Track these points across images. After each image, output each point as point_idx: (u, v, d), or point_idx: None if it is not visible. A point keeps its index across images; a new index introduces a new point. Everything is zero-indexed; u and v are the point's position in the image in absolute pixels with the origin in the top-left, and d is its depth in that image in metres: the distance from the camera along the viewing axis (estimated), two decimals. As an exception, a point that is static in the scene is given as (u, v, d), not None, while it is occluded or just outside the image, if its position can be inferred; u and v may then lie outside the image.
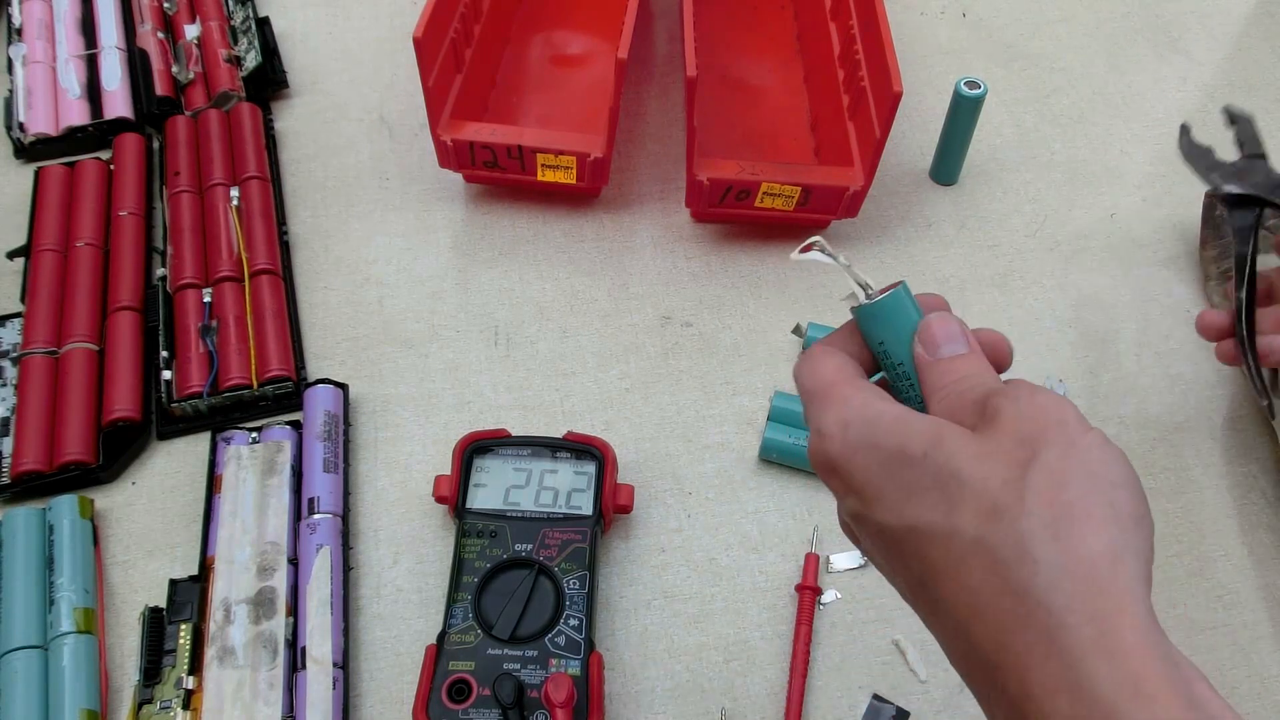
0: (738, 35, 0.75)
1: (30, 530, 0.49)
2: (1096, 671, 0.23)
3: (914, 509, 0.27)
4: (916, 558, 0.27)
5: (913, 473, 0.28)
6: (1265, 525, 0.53)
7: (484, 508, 0.49)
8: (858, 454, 0.29)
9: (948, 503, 0.27)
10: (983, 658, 0.25)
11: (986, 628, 0.25)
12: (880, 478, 0.28)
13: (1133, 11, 0.78)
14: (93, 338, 0.56)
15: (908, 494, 0.28)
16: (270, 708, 0.44)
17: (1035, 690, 0.24)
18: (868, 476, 0.29)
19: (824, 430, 0.30)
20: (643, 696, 0.47)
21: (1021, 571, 0.24)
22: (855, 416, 0.30)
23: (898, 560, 0.29)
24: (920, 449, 0.28)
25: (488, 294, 0.61)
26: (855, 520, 0.31)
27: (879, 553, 0.30)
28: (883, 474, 0.28)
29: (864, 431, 0.29)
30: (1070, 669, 0.23)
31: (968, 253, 0.64)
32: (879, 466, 0.29)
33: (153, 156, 0.66)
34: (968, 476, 0.26)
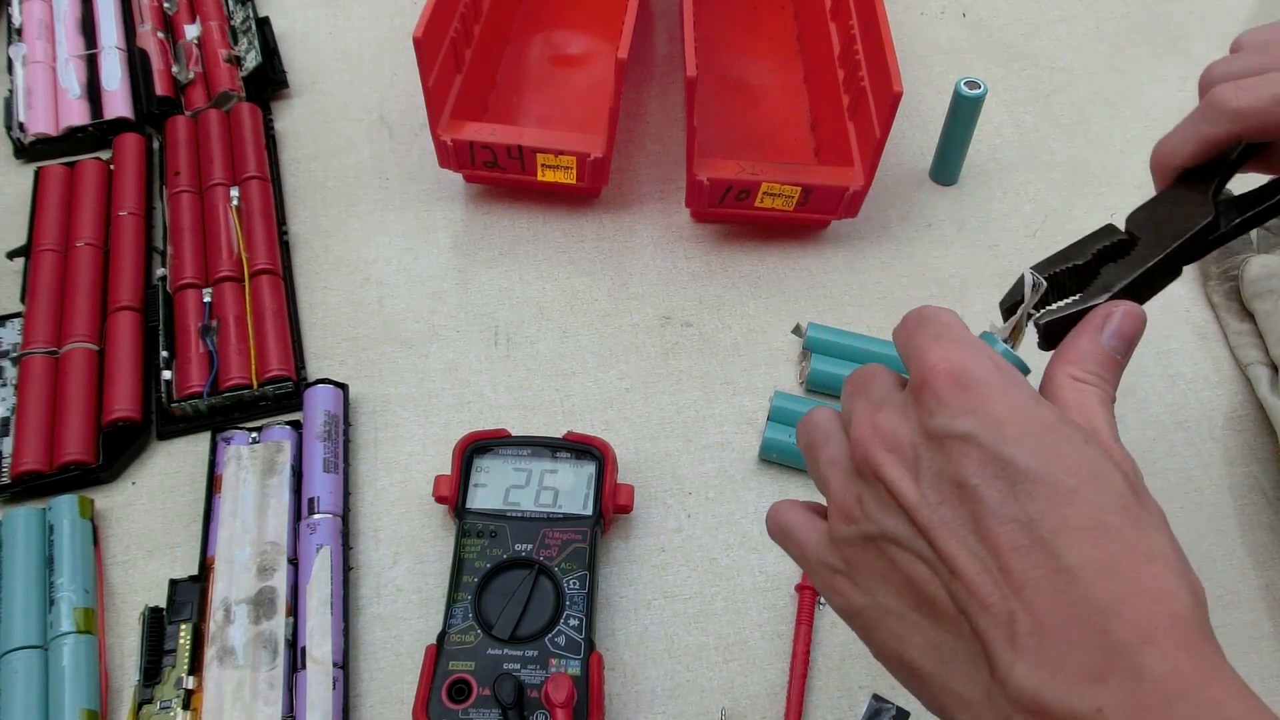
0: (738, 35, 0.75)
1: (30, 530, 0.49)
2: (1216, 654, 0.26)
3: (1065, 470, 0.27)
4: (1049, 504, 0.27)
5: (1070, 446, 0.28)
6: (1265, 525, 0.53)
7: (484, 508, 0.49)
8: (1008, 393, 0.29)
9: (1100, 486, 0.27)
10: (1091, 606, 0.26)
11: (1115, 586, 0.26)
12: (1031, 425, 0.28)
13: (1133, 11, 0.78)
14: (93, 338, 0.56)
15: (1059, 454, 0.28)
16: (270, 708, 0.44)
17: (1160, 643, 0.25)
18: (1014, 416, 0.28)
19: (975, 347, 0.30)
20: (643, 696, 0.47)
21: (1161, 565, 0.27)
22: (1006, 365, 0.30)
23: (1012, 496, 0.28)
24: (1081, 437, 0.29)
25: (488, 294, 0.61)
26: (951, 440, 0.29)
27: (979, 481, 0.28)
28: (1036, 427, 0.28)
29: (1018, 381, 0.30)
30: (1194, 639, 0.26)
31: (968, 253, 0.64)
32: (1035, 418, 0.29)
33: (153, 156, 0.66)
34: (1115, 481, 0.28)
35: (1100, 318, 0.33)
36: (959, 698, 0.28)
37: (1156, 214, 0.38)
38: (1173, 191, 0.39)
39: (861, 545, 0.31)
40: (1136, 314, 0.33)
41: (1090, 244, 0.37)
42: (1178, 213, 0.38)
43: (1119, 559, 0.26)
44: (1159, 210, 0.38)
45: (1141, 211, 0.39)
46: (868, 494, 0.31)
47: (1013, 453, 0.28)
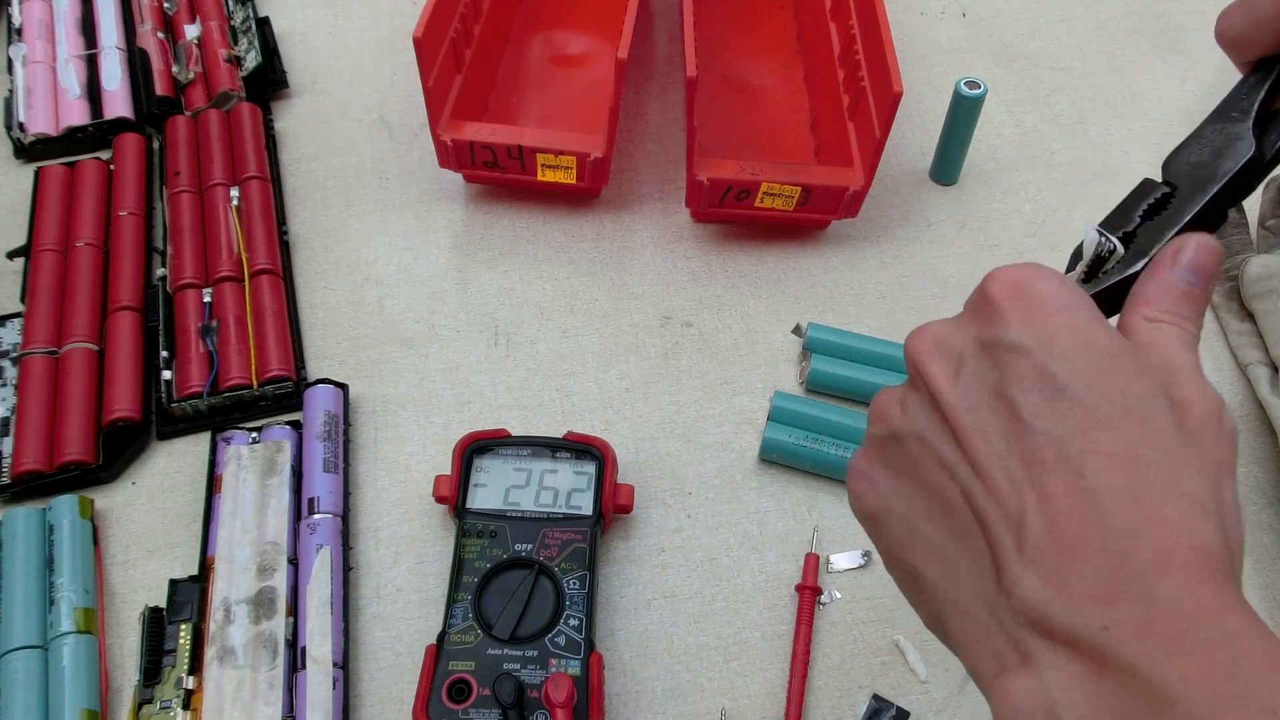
0: (738, 35, 0.75)
1: (30, 530, 0.49)
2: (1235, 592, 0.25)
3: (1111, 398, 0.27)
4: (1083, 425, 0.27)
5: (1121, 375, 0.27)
6: (1265, 525, 0.53)
7: (484, 508, 0.49)
8: (1073, 313, 0.28)
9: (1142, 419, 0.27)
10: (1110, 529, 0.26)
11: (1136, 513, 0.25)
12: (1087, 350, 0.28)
13: (1133, 11, 0.78)
14: (93, 338, 0.56)
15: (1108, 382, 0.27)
16: (270, 708, 0.44)
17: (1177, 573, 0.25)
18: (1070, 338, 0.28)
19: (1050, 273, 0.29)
20: (643, 696, 0.47)
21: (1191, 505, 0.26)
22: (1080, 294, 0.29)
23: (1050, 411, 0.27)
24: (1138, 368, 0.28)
25: (488, 294, 0.61)
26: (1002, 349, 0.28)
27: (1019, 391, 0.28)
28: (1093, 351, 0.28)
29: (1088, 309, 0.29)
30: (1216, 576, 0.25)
31: (968, 253, 0.64)
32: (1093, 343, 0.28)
33: (153, 156, 0.66)
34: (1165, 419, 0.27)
35: (1170, 254, 0.31)
36: (960, 608, 0.28)
37: (1192, 155, 0.34)
38: (1210, 125, 0.35)
39: (889, 443, 0.31)
40: (1209, 244, 0.31)
41: (1133, 206, 0.35)
42: (1216, 150, 0.34)
43: (1144, 489, 0.26)
44: (1195, 149, 0.35)
45: (1177, 153, 0.35)
46: (910, 396, 0.31)
47: (1057, 369, 0.27)
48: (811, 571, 0.50)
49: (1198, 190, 0.33)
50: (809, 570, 0.50)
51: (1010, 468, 0.27)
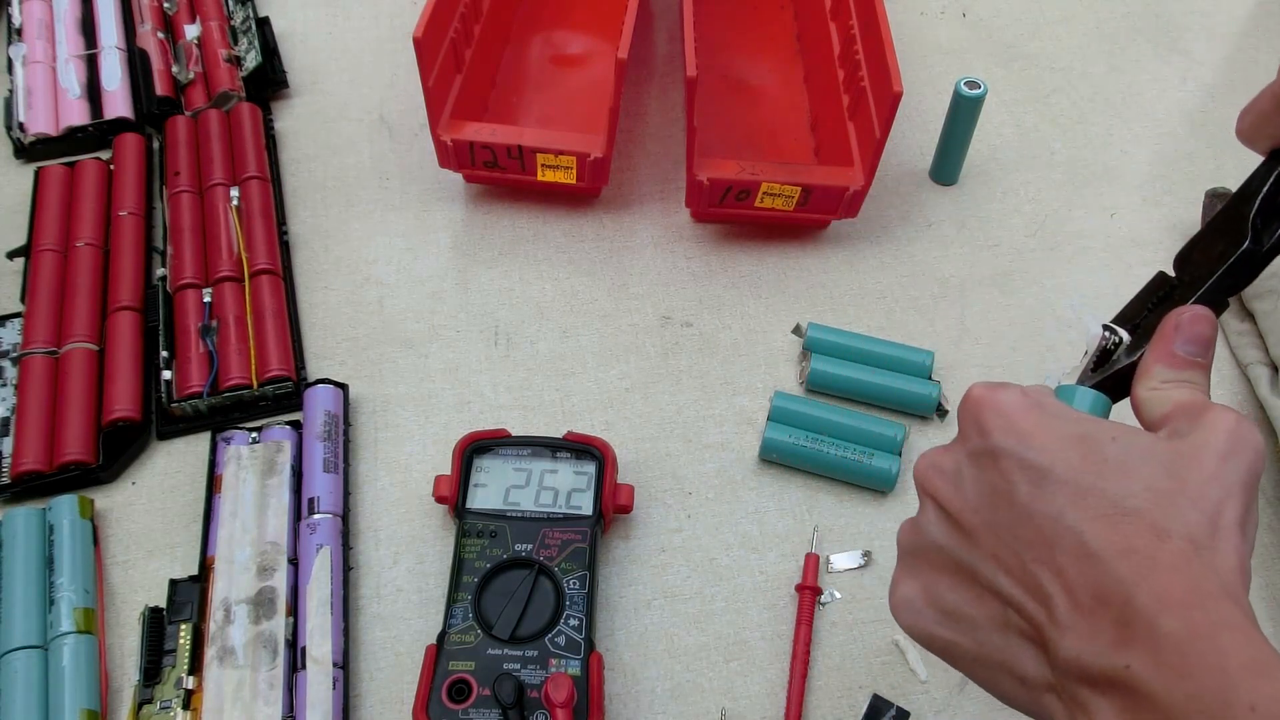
0: (738, 35, 0.75)
1: (30, 530, 0.49)
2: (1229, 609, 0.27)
3: (1086, 469, 0.30)
4: (1070, 500, 0.30)
5: (1092, 448, 0.31)
6: (1265, 525, 0.53)
7: (484, 508, 0.49)
8: (1034, 412, 0.32)
9: (1122, 475, 0.30)
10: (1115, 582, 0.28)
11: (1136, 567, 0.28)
12: (1056, 437, 0.31)
13: (1133, 11, 0.79)
14: (93, 338, 0.56)
15: (1082, 457, 0.30)
16: (270, 708, 0.44)
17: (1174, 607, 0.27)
18: (1040, 431, 0.31)
19: (1007, 385, 0.33)
20: (643, 696, 0.47)
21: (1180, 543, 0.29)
22: (1038, 393, 0.33)
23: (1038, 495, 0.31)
24: (1108, 436, 0.31)
25: (488, 294, 0.61)
26: (984, 458, 0.32)
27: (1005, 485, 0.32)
28: (1061, 438, 0.31)
29: (1047, 405, 0.33)
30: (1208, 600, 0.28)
31: (968, 253, 0.64)
32: (1061, 431, 0.31)
33: (153, 156, 0.66)
34: (1146, 464, 0.30)
35: (1170, 328, 0.34)
36: (1026, 684, 0.31)
37: (1197, 248, 0.37)
38: (1218, 218, 0.37)
39: (918, 562, 0.35)
40: (1202, 315, 0.34)
41: (1145, 297, 0.37)
42: (1216, 243, 0.36)
43: (1134, 540, 0.29)
44: (1200, 243, 0.37)
45: (1186, 247, 0.37)
46: (924, 515, 0.35)
47: (1036, 459, 0.31)
48: (811, 571, 0.50)
49: (1198, 281, 0.36)
50: (809, 570, 0.50)
51: (1023, 552, 0.31)
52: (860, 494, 0.53)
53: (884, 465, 0.52)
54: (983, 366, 0.58)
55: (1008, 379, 0.58)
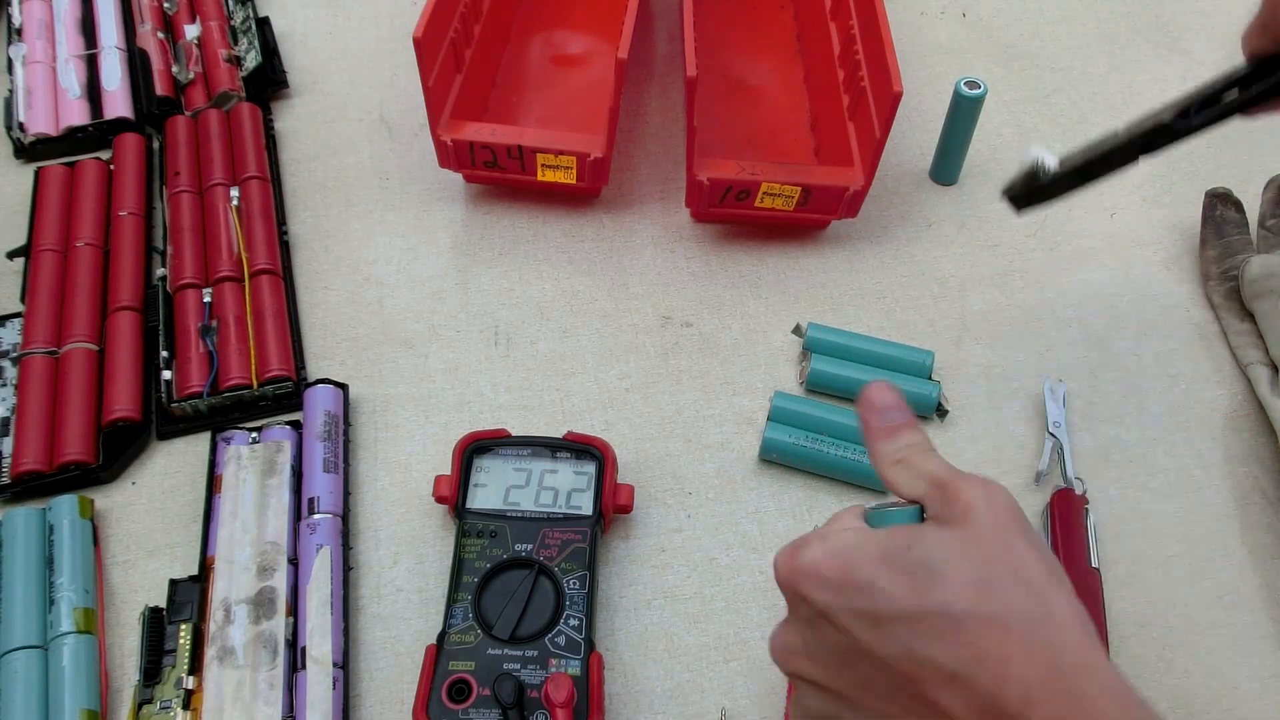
0: (738, 35, 0.75)
1: (30, 530, 0.49)
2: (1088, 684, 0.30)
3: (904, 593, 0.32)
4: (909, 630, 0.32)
5: (899, 565, 0.33)
6: (1265, 525, 0.53)
7: (484, 508, 0.49)
8: (837, 556, 0.34)
9: (939, 584, 0.32)
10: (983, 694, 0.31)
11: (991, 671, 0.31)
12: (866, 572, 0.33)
13: (1133, 11, 0.79)
14: (93, 338, 0.56)
15: (897, 582, 0.32)
16: (270, 708, 0.44)
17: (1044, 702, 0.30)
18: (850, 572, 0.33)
19: (805, 540, 0.36)
20: (643, 696, 0.47)
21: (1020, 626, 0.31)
22: (835, 532, 0.35)
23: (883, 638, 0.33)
24: (904, 543, 0.33)
25: (488, 294, 0.61)
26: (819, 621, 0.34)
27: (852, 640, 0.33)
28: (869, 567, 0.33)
29: (845, 541, 0.35)
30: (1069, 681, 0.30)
31: (968, 253, 0.64)
32: (865, 563, 0.33)
33: (153, 156, 0.66)
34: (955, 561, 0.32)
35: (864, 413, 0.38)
36: None
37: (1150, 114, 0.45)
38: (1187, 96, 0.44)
39: None
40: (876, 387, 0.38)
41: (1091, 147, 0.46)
42: (1160, 114, 0.44)
43: (980, 645, 0.31)
44: (1157, 111, 0.45)
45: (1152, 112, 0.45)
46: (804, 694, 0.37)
47: (861, 604, 0.33)
48: (811, 571, 0.50)
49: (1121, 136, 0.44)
50: (809, 570, 0.50)
51: (897, 699, 0.33)
52: (860, 494, 0.53)
53: (884, 465, 0.52)
54: (983, 366, 0.58)
55: (1008, 379, 0.58)
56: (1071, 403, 0.57)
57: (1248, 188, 0.64)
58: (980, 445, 0.55)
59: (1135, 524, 0.53)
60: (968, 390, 0.57)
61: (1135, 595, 0.50)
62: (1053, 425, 0.55)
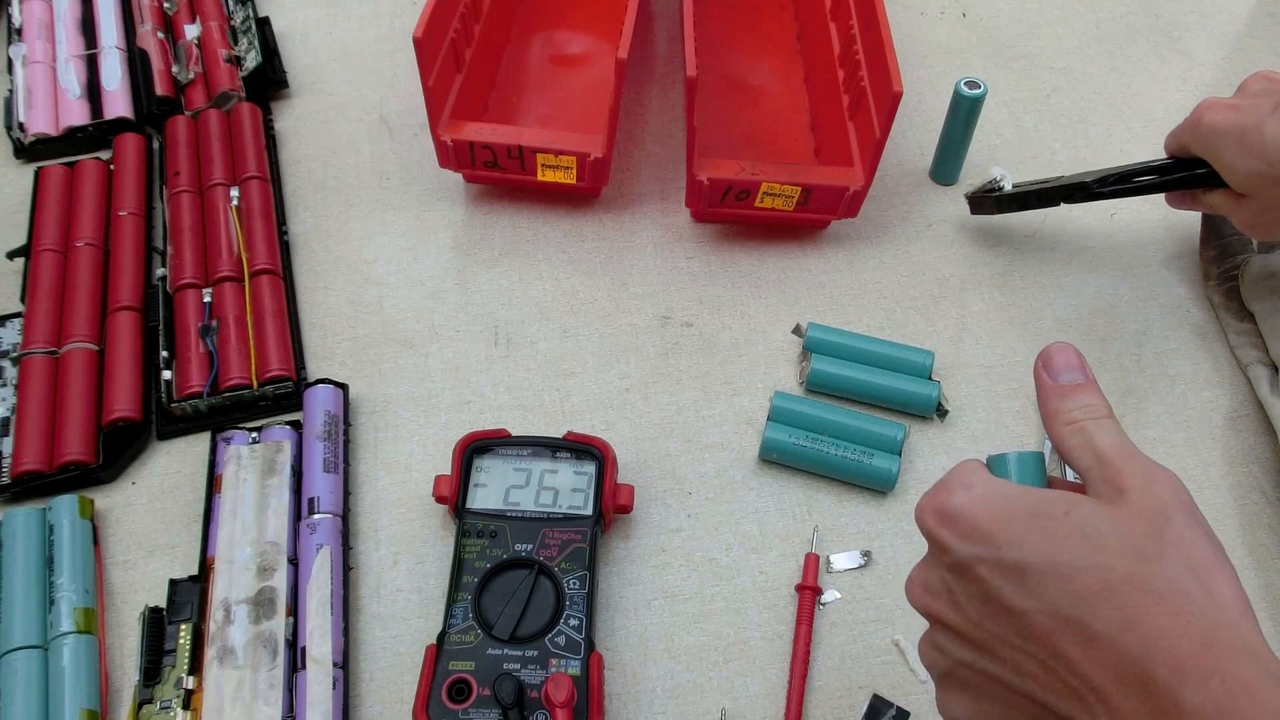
0: (738, 35, 0.75)
1: (30, 530, 0.49)
2: (1248, 669, 0.28)
3: (1059, 549, 0.31)
4: (1056, 586, 0.31)
5: (1054, 525, 0.32)
6: (1265, 525, 0.53)
7: (484, 508, 0.49)
8: (986, 506, 0.33)
9: (1094, 547, 0.31)
10: (1129, 660, 0.30)
11: (1142, 638, 0.30)
12: (1016, 525, 0.32)
13: (1133, 11, 0.79)
14: (93, 338, 0.56)
15: (1049, 539, 0.32)
16: (270, 708, 0.44)
17: (1195, 679, 0.28)
18: (998, 522, 0.33)
19: (947, 485, 0.35)
20: (643, 696, 0.47)
21: (1176, 598, 0.30)
22: (979, 480, 0.34)
23: (1027, 592, 0.32)
24: (1060, 509, 0.32)
25: (488, 294, 0.61)
26: (963, 569, 0.33)
27: (995, 590, 0.33)
28: (1020, 522, 0.32)
29: (992, 489, 0.34)
30: (1226, 662, 0.29)
31: (968, 253, 0.64)
32: (1016, 515, 0.32)
33: (153, 156, 0.66)
34: (1111, 531, 0.31)
35: (1040, 371, 0.37)
36: None
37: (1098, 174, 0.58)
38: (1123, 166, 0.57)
39: (949, 675, 0.36)
40: (1057, 345, 0.37)
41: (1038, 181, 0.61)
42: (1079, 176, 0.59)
43: (1131, 610, 0.30)
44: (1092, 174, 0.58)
45: None
46: (939, 633, 0.36)
47: (1011, 556, 0.32)
48: (811, 571, 0.50)
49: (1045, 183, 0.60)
50: (809, 570, 0.50)
51: (1036, 653, 0.32)
52: (860, 494, 0.53)
53: (884, 465, 0.52)
54: (983, 366, 0.58)
55: (1008, 379, 0.58)
56: (1071, 403, 0.57)
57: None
58: (980, 445, 0.55)
59: (1135, 524, 0.53)
60: (968, 390, 0.57)
61: (1135, 595, 0.50)
62: (1053, 425, 0.55)
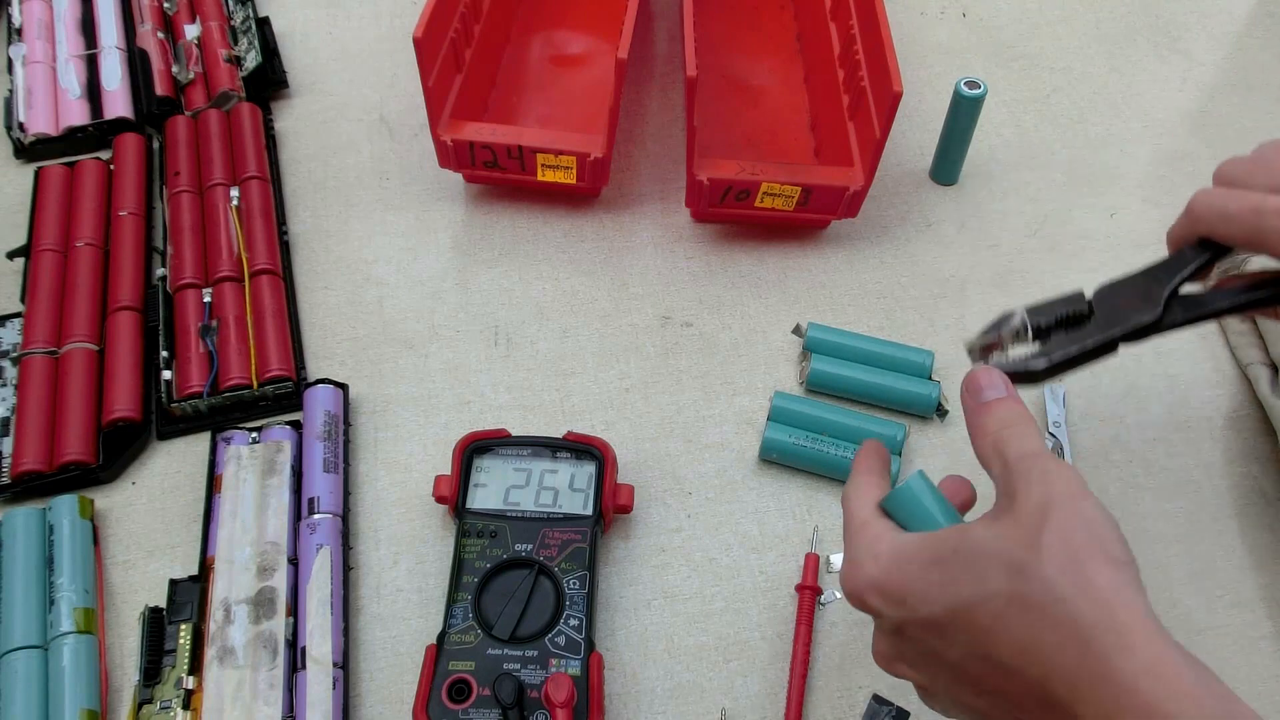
0: (738, 35, 0.75)
1: (30, 530, 0.49)
2: (1123, 665, 0.29)
3: (954, 592, 0.33)
4: (964, 630, 0.33)
5: (946, 568, 0.33)
6: (1265, 525, 0.53)
7: (484, 508, 0.49)
8: (893, 571, 0.35)
9: (979, 576, 0.32)
10: (1035, 685, 0.31)
11: (1035, 660, 0.31)
12: (919, 581, 0.34)
13: (1133, 11, 0.79)
14: (93, 338, 0.56)
15: (944, 585, 0.33)
16: (270, 708, 0.44)
17: (1083, 691, 0.29)
18: (906, 584, 0.34)
19: (858, 560, 0.36)
20: (643, 696, 0.47)
21: (1052, 606, 0.30)
22: (884, 546, 0.36)
23: (948, 642, 0.33)
24: (950, 548, 0.34)
25: (488, 294, 0.61)
26: (899, 632, 0.35)
27: (928, 646, 0.34)
28: (920, 577, 0.34)
29: (894, 551, 0.35)
30: (1103, 664, 0.29)
31: (968, 253, 0.64)
32: (916, 572, 0.34)
33: (153, 156, 0.66)
34: (991, 550, 0.32)
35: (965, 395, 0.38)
36: None
37: (1118, 295, 0.43)
38: (1143, 276, 0.43)
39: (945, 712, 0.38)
40: (976, 370, 0.38)
41: (1056, 308, 0.43)
42: (1133, 301, 0.43)
43: (1021, 633, 0.31)
44: (1122, 291, 0.43)
45: (1110, 286, 0.43)
46: (915, 688, 0.38)
47: (924, 613, 0.33)
48: (811, 571, 0.50)
49: (1105, 327, 0.42)
50: (809, 570, 0.50)
51: (982, 692, 0.33)
52: (860, 494, 0.53)
53: (884, 465, 0.52)
54: (983, 366, 0.58)
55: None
56: (1071, 403, 0.57)
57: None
58: (980, 445, 0.55)
59: (1135, 524, 0.53)
60: (968, 390, 0.57)
61: (1135, 595, 0.50)
62: (1053, 425, 0.55)
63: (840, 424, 0.54)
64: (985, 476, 0.37)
